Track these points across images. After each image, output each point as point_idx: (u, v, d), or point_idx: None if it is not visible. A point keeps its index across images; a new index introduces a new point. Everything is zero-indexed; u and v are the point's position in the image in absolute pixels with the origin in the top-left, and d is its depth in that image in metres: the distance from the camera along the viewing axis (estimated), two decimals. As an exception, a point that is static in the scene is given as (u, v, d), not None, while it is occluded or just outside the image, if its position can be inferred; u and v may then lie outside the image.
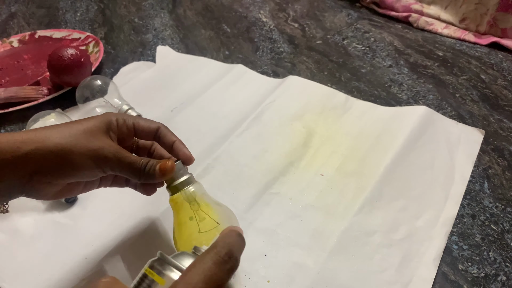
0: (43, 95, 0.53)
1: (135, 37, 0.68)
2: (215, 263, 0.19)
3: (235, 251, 0.20)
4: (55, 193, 0.27)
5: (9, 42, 0.67)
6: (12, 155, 0.23)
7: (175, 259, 0.21)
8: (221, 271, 0.19)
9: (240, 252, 0.20)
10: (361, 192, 0.38)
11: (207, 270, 0.18)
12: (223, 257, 0.19)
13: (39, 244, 0.35)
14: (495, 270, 0.32)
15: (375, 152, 0.42)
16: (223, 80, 0.55)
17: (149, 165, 0.27)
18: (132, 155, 0.27)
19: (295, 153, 0.43)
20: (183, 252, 0.23)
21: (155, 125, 0.29)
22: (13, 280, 0.32)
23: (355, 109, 0.49)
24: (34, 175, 0.24)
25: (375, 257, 0.33)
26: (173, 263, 0.20)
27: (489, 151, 0.43)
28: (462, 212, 0.37)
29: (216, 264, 0.19)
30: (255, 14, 0.74)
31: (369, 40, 0.65)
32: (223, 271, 0.19)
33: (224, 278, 0.19)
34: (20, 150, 0.23)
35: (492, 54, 0.59)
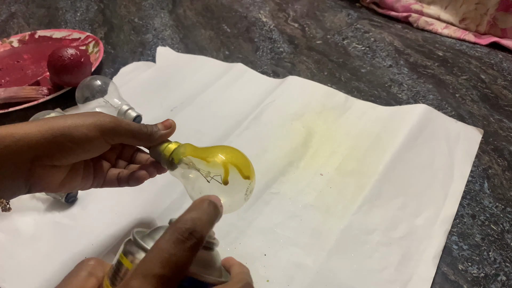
0: (43, 95, 0.53)
1: (135, 37, 0.68)
2: (174, 243, 0.17)
3: (199, 225, 0.18)
4: (58, 183, 0.27)
5: (9, 42, 0.67)
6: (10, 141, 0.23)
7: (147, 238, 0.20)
8: (181, 250, 0.17)
9: (206, 225, 0.19)
10: (360, 190, 0.38)
11: (164, 252, 0.17)
12: (183, 235, 0.17)
13: (39, 244, 0.35)
14: (495, 270, 0.32)
15: (375, 151, 0.42)
16: (223, 80, 0.55)
17: (150, 125, 0.29)
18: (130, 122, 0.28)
19: (294, 152, 0.43)
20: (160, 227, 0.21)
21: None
22: (13, 280, 0.32)
23: (354, 109, 0.49)
24: (35, 159, 0.24)
25: (374, 256, 0.33)
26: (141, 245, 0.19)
27: (489, 151, 0.43)
28: (462, 212, 0.37)
29: (175, 244, 0.17)
30: (255, 14, 0.74)
31: (369, 40, 0.65)
32: (183, 250, 0.17)
33: (186, 258, 0.17)
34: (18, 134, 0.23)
35: (492, 54, 0.59)
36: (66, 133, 0.24)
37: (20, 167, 0.24)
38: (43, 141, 0.24)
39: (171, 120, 0.30)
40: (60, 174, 0.27)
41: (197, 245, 0.18)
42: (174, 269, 0.17)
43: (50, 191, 0.27)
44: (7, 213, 0.38)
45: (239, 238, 0.35)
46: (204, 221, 0.19)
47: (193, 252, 0.18)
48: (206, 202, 0.20)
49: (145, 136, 0.28)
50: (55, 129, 0.24)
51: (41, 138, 0.24)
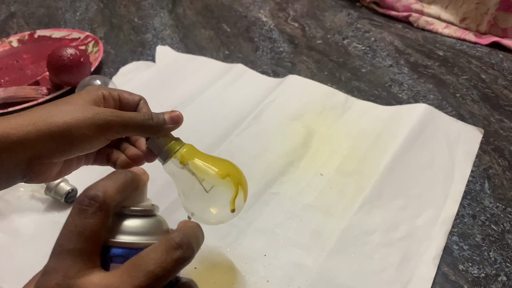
0: (43, 95, 0.53)
1: (134, 36, 0.68)
2: (76, 214, 0.17)
3: (101, 191, 0.17)
4: (55, 175, 0.27)
5: (9, 41, 0.67)
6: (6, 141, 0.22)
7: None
8: (83, 219, 0.16)
9: (112, 191, 0.18)
10: (360, 191, 0.38)
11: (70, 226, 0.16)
12: (82, 203, 0.17)
13: (38, 244, 0.35)
14: (495, 270, 0.32)
15: (375, 151, 0.42)
16: (223, 80, 0.55)
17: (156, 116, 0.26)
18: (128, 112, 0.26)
19: (294, 152, 0.43)
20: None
21: (137, 97, 0.29)
22: (12, 280, 0.32)
23: (355, 109, 0.49)
24: (33, 159, 0.24)
25: (374, 257, 0.33)
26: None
27: (490, 151, 0.43)
28: (463, 212, 0.37)
29: (77, 215, 0.17)
30: (255, 13, 0.74)
31: (370, 40, 0.64)
32: (85, 218, 0.16)
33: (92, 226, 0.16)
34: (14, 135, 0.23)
35: (492, 54, 0.59)
36: (66, 134, 0.24)
37: (17, 165, 0.23)
38: (42, 143, 0.23)
39: (179, 113, 0.28)
40: (57, 167, 0.26)
41: (100, 209, 0.17)
42: (82, 240, 0.16)
43: (46, 182, 0.27)
44: (7, 213, 0.38)
45: (239, 238, 0.35)
46: (108, 186, 0.18)
47: (98, 218, 0.17)
48: (117, 171, 0.20)
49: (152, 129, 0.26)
50: (54, 129, 0.23)
51: (39, 139, 0.23)
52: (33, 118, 0.23)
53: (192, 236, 0.19)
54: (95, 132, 0.24)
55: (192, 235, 0.19)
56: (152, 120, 0.26)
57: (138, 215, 0.20)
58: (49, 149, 0.24)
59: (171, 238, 0.18)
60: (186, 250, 0.18)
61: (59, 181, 0.38)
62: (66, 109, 0.24)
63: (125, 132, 0.26)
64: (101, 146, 0.26)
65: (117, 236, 0.18)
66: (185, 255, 0.18)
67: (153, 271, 0.16)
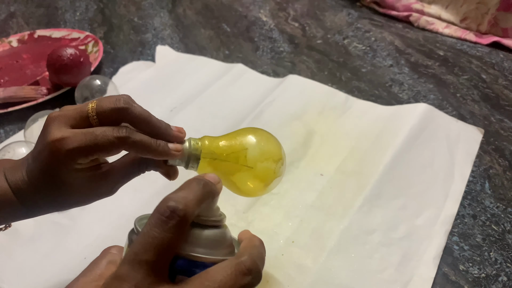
0: (42, 95, 0.53)
1: (134, 36, 0.68)
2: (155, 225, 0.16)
3: (182, 203, 0.17)
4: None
5: (8, 41, 0.67)
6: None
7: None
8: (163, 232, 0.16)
9: (192, 203, 0.18)
10: (360, 191, 0.38)
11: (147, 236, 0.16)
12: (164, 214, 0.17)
13: (38, 244, 0.35)
14: (496, 270, 0.32)
15: (375, 151, 0.42)
16: (223, 80, 0.55)
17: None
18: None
19: (295, 152, 0.43)
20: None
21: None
22: (12, 281, 0.32)
23: (355, 109, 0.49)
24: None
25: (374, 256, 0.33)
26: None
27: (490, 151, 0.43)
28: (463, 212, 0.37)
29: (157, 225, 0.16)
30: (255, 13, 0.74)
31: (370, 40, 0.64)
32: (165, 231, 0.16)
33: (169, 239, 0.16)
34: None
35: (493, 53, 0.59)
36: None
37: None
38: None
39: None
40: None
41: (181, 224, 0.17)
42: (158, 252, 0.16)
43: None
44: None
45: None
46: (189, 199, 0.18)
47: (177, 232, 0.17)
48: (195, 180, 0.19)
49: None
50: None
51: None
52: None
53: (260, 260, 0.19)
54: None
55: (260, 258, 0.19)
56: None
57: (208, 225, 0.20)
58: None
59: (241, 262, 0.18)
60: (255, 277, 0.18)
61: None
62: None
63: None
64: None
65: (186, 248, 0.18)
66: (253, 281, 0.18)
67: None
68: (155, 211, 0.17)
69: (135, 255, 0.16)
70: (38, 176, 0.24)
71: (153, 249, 0.16)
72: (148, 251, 0.16)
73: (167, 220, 0.17)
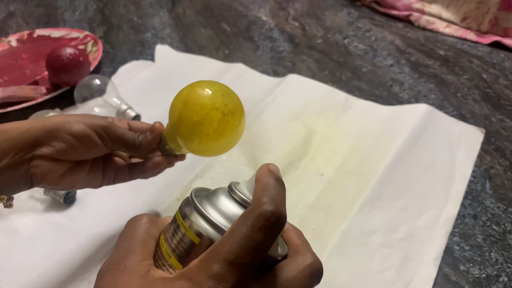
0: (42, 94, 0.53)
1: (134, 36, 0.68)
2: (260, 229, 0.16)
3: (281, 207, 0.17)
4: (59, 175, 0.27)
5: (8, 41, 0.66)
6: (15, 134, 0.25)
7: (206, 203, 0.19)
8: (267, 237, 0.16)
9: (284, 204, 0.17)
10: (361, 191, 0.38)
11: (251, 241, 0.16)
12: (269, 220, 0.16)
13: (37, 244, 0.35)
14: (496, 271, 0.32)
15: (376, 151, 0.42)
16: (223, 80, 0.55)
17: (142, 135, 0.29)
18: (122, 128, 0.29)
19: (295, 152, 0.43)
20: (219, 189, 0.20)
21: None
22: (12, 281, 0.32)
23: (355, 109, 0.48)
24: (37, 150, 0.25)
25: (375, 257, 0.33)
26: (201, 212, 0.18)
27: (491, 151, 0.43)
28: (464, 213, 0.36)
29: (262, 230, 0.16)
30: (255, 12, 0.74)
31: (370, 39, 0.64)
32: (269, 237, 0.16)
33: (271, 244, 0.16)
34: (22, 128, 0.25)
35: (493, 53, 0.59)
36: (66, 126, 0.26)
37: (22, 157, 0.25)
38: (45, 132, 0.26)
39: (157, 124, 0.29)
40: (61, 168, 0.27)
41: (281, 229, 0.17)
42: (258, 256, 0.16)
43: (50, 183, 0.27)
44: (6, 213, 0.37)
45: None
46: (282, 201, 0.17)
47: (276, 237, 0.17)
48: (273, 177, 0.18)
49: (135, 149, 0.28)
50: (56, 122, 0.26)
51: (43, 129, 0.26)
52: (42, 118, 0.27)
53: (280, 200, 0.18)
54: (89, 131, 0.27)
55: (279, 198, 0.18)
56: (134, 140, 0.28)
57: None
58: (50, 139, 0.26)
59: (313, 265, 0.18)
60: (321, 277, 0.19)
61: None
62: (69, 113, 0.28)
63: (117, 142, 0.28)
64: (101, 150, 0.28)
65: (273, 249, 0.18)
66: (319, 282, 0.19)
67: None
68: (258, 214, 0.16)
69: (235, 257, 0.16)
70: None
71: (254, 254, 0.16)
72: (249, 255, 0.16)
73: (272, 226, 0.16)
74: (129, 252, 0.19)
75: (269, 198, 0.17)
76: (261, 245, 0.16)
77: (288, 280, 0.17)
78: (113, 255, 0.19)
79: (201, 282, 0.16)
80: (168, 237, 0.19)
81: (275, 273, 0.18)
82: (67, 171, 0.28)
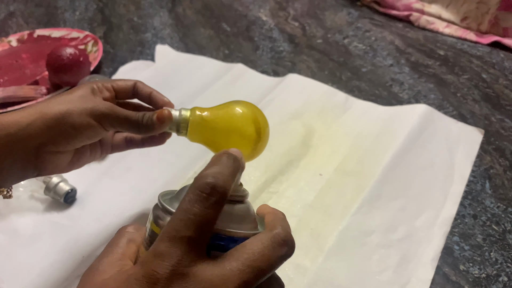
0: (42, 94, 0.53)
1: (134, 36, 0.68)
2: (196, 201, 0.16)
3: (220, 179, 0.17)
4: (66, 165, 0.28)
5: (8, 41, 0.67)
6: (16, 129, 0.24)
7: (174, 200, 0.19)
8: (204, 208, 0.16)
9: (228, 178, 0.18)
10: (360, 192, 0.38)
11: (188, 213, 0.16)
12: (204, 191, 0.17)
13: (37, 244, 0.35)
14: (496, 270, 0.32)
15: (375, 151, 0.42)
16: (223, 80, 0.55)
17: (146, 117, 0.27)
18: (126, 110, 0.27)
19: (294, 152, 0.43)
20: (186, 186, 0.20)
21: (131, 82, 0.30)
22: (11, 281, 0.32)
23: (355, 109, 0.48)
24: (41, 146, 0.25)
25: (373, 258, 0.33)
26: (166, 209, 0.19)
27: (491, 151, 0.43)
28: (464, 212, 0.36)
29: (198, 202, 0.16)
30: (255, 13, 0.74)
31: (370, 39, 0.64)
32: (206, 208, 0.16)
33: (211, 215, 0.17)
34: (22, 123, 0.24)
35: (493, 53, 0.59)
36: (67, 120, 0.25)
37: (28, 153, 0.25)
38: (47, 129, 0.25)
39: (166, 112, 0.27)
40: (67, 157, 0.27)
41: (221, 200, 0.17)
42: (200, 229, 0.16)
43: (59, 172, 0.28)
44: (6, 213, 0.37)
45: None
46: (225, 175, 0.18)
47: (217, 209, 0.17)
48: (225, 155, 0.19)
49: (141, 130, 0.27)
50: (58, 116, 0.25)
51: (45, 125, 0.24)
52: (40, 106, 0.25)
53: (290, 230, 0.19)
54: (92, 122, 0.26)
55: (290, 229, 0.19)
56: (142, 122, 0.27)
57: (235, 201, 0.20)
58: (54, 135, 0.25)
59: (277, 234, 0.18)
60: (290, 247, 0.18)
61: (59, 181, 0.38)
62: (70, 98, 0.26)
63: (120, 128, 0.27)
64: (100, 136, 0.27)
65: (219, 224, 0.18)
66: (289, 252, 0.18)
67: (260, 267, 0.17)
68: (193, 188, 0.17)
69: (176, 232, 0.16)
70: None
71: (195, 226, 0.16)
72: (189, 228, 0.16)
73: (208, 197, 0.17)
74: (105, 256, 0.19)
75: (209, 172, 0.17)
76: (200, 216, 0.16)
77: (246, 253, 0.17)
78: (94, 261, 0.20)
79: (148, 263, 0.16)
80: (144, 238, 0.20)
81: (235, 249, 0.17)
82: (72, 157, 0.28)
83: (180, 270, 0.15)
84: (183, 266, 0.15)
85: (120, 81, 0.30)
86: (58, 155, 0.26)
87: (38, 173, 0.26)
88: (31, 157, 0.25)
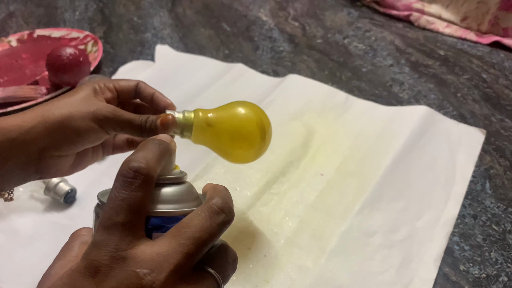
0: (42, 94, 0.53)
1: (134, 36, 0.68)
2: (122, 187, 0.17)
3: (144, 162, 0.17)
4: (68, 168, 0.28)
5: (8, 41, 0.67)
6: (17, 133, 0.24)
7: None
8: (130, 192, 0.16)
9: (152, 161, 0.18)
10: (361, 192, 0.38)
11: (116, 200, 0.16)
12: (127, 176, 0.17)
13: (37, 244, 0.35)
14: (496, 270, 0.32)
15: (376, 152, 0.42)
16: (223, 80, 0.55)
17: (149, 121, 0.27)
18: (129, 113, 0.27)
19: (295, 152, 0.43)
20: None
21: (133, 82, 0.30)
22: (11, 281, 0.32)
23: (355, 109, 0.48)
24: (43, 151, 0.25)
25: (375, 258, 0.33)
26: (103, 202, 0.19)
27: (491, 151, 0.43)
28: (464, 213, 0.37)
29: (123, 187, 0.17)
30: (255, 12, 0.74)
31: (370, 39, 0.64)
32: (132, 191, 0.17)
33: (139, 198, 0.17)
34: (24, 127, 0.24)
35: (493, 53, 0.59)
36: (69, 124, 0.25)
37: (29, 157, 0.24)
38: (50, 133, 0.24)
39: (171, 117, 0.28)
40: (69, 160, 0.27)
41: (146, 182, 0.17)
42: (130, 212, 0.16)
43: (61, 176, 0.28)
44: (6, 213, 0.37)
45: (238, 238, 0.35)
46: (149, 158, 0.18)
47: (144, 191, 0.17)
48: (149, 141, 0.19)
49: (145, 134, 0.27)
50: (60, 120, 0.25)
51: (47, 129, 0.24)
52: (42, 110, 0.25)
53: (229, 200, 0.19)
54: (94, 126, 0.26)
55: (229, 198, 0.19)
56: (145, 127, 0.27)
57: (171, 183, 0.20)
58: (56, 140, 0.25)
59: (213, 204, 0.18)
60: (228, 214, 0.18)
61: (58, 181, 0.38)
62: (72, 101, 0.26)
63: (123, 131, 0.27)
64: (102, 139, 0.27)
65: (155, 206, 0.18)
66: (227, 218, 0.18)
67: (200, 237, 0.17)
68: (118, 175, 0.17)
69: (108, 220, 0.16)
70: None
71: (125, 210, 0.16)
72: (120, 213, 0.16)
73: (132, 181, 0.17)
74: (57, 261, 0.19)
75: (132, 157, 0.17)
76: (128, 200, 0.16)
77: (183, 227, 0.17)
78: None
79: (87, 254, 0.16)
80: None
81: (174, 226, 0.17)
82: (74, 160, 0.28)
83: (119, 254, 0.16)
84: (121, 250, 0.16)
85: (122, 81, 0.30)
86: (60, 158, 0.26)
87: (40, 176, 0.26)
88: (33, 161, 0.25)
